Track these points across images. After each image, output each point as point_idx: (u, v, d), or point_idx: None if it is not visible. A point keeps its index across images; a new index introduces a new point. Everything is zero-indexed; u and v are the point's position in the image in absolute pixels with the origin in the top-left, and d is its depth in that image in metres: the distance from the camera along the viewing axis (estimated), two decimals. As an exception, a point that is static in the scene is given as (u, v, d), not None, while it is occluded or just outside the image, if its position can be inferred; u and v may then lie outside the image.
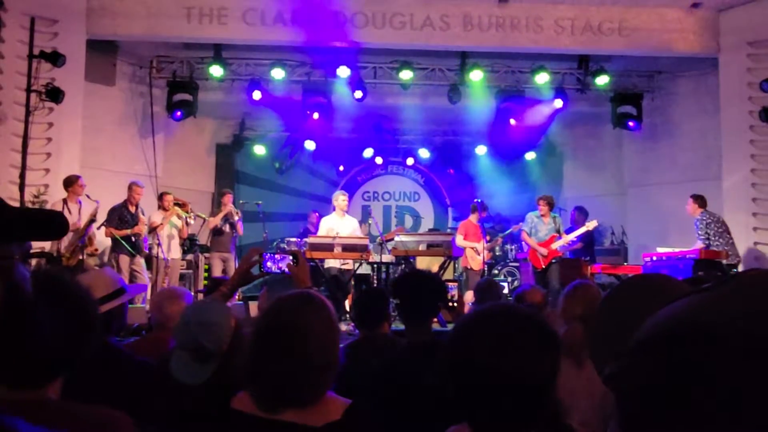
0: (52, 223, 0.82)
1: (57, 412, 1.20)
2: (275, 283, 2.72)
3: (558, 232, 8.46)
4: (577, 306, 2.71)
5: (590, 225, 8.60)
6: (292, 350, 1.58)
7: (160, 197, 8.85)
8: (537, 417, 1.21)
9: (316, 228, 10.02)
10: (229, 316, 2.07)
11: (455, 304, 2.81)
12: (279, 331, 1.62)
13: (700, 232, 7.84)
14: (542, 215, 8.48)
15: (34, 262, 6.97)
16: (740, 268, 7.88)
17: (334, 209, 8.29)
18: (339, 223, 8.08)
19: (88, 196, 7.80)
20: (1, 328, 0.83)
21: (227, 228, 9.24)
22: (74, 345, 1.23)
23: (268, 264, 2.68)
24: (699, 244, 7.80)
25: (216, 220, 9.12)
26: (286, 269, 2.59)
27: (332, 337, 1.68)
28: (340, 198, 8.22)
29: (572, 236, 8.47)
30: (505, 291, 8.06)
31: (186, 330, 2.02)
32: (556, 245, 8.34)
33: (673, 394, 0.50)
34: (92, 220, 7.74)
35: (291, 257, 2.60)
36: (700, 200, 7.99)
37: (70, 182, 7.81)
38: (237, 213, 9.29)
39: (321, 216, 8.94)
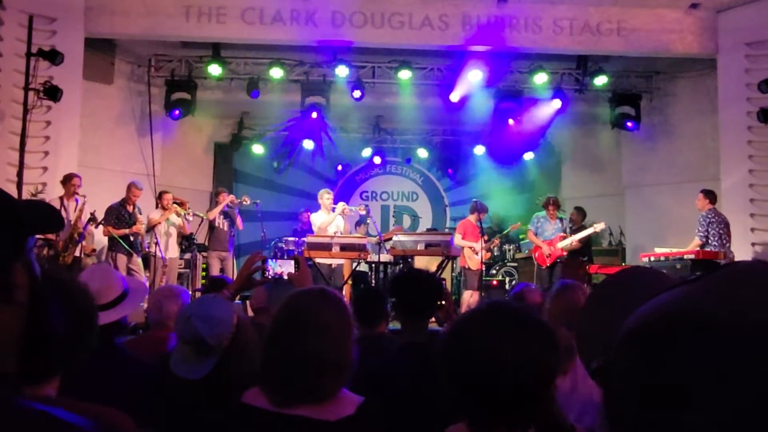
0: (53, 217, 0.83)
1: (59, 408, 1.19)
2: (276, 285, 2.73)
3: (565, 232, 8.52)
4: (561, 307, 2.70)
5: (597, 227, 8.67)
6: (309, 346, 1.57)
7: (160, 196, 8.82)
8: (535, 415, 1.21)
9: (308, 226, 10.07)
10: (231, 312, 2.07)
11: (443, 303, 2.79)
12: (296, 327, 1.61)
13: (700, 229, 7.85)
14: (550, 216, 8.54)
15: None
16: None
17: (320, 207, 8.55)
18: (327, 221, 8.31)
19: (77, 193, 7.79)
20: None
21: (225, 226, 9.23)
22: (75, 341, 1.23)
23: (269, 270, 2.70)
24: (696, 241, 7.82)
25: (215, 213, 9.11)
26: (286, 276, 2.60)
27: (349, 334, 1.67)
28: (325, 196, 8.50)
29: (578, 237, 8.52)
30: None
31: (187, 323, 2.02)
32: (561, 244, 8.39)
33: (657, 386, 0.50)
34: (91, 218, 7.73)
35: (293, 262, 2.61)
36: (710, 196, 8.00)
37: (66, 180, 7.82)
38: (244, 199, 9.32)
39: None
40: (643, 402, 0.50)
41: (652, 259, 7.95)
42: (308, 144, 11.68)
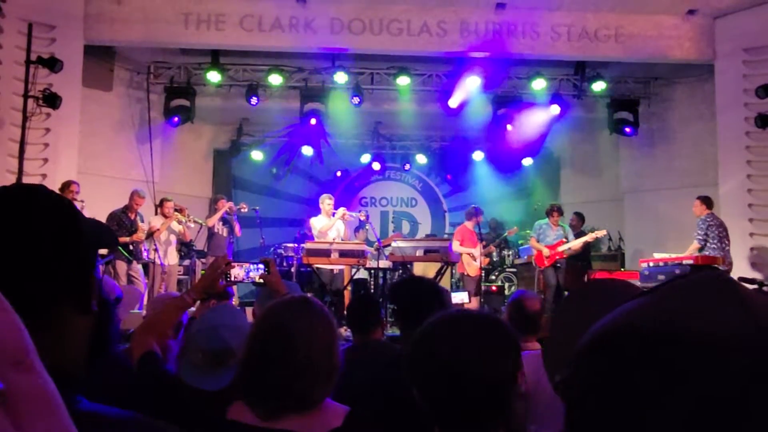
0: (114, 236, 0.91)
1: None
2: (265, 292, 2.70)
3: (566, 239, 8.57)
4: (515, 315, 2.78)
5: (599, 233, 8.72)
6: (294, 355, 1.55)
7: (161, 204, 8.80)
8: (504, 416, 1.22)
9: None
10: (247, 320, 2.07)
11: None
12: (280, 336, 1.58)
13: (699, 232, 7.88)
14: (552, 224, 8.59)
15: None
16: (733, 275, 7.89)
17: (320, 212, 8.46)
18: (327, 225, 8.23)
19: (75, 200, 7.78)
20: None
21: (224, 232, 9.24)
22: None
23: (237, 273, 2.65)
24: (695, 245, 7.84)
25: (214, 219, 9.12)
26: (257, 279, 2.57)
27: (333, 342, 1.66)
28: (326, 201, 8.39)
29: (580, 242, 8.57)
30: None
31: (213, 333, 2.01)
32: (561, 248, 8.45)
33: (611, 397, 0.50)
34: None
35: (263, 266, 2.57)
36: (707, 201, 8.06)
37: (64, 187, 7.82)
38: (242, 206, 9.32)
39: None
40: (599, 413, 0.51)
41: (651, 264, 7.96)
42: (307, 150, 11.69)
